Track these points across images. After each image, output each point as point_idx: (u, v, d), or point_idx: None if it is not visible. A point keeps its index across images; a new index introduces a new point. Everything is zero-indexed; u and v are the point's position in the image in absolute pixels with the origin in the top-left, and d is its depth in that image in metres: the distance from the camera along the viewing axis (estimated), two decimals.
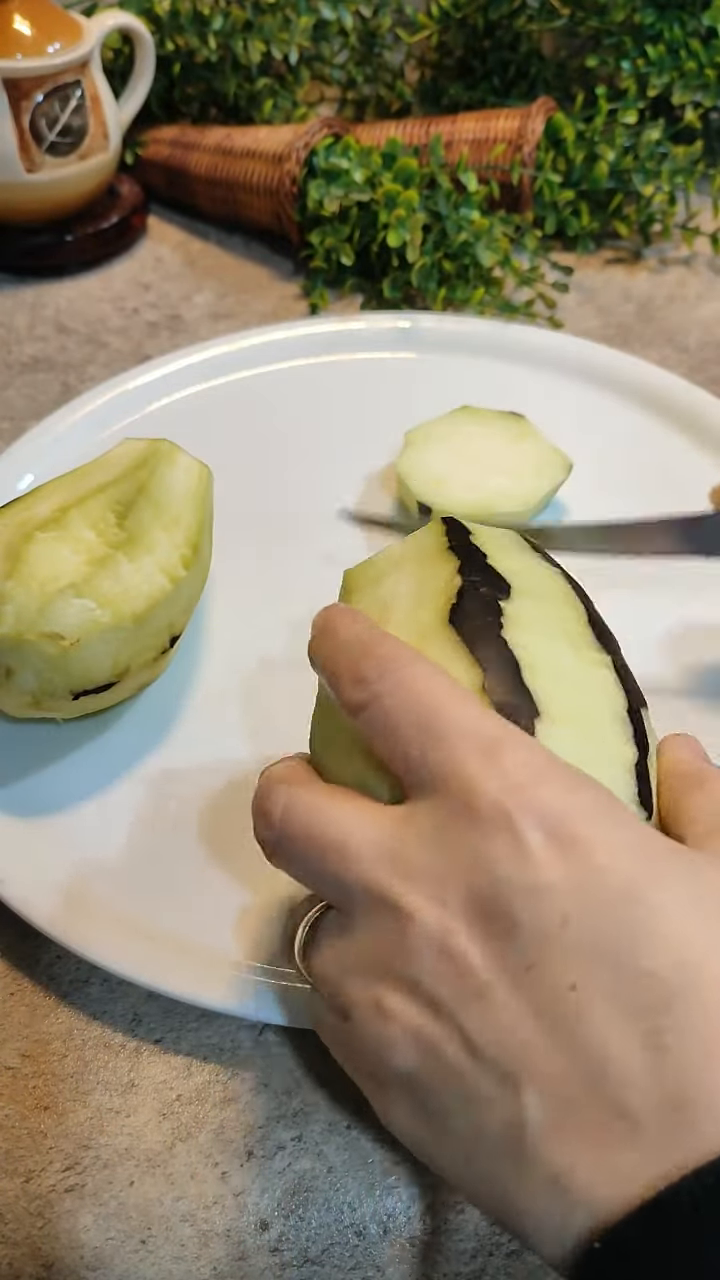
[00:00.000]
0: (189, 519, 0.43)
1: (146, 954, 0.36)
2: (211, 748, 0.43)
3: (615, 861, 0.24)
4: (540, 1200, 0.23)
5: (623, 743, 0.29)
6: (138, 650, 0.40)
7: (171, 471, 0.44)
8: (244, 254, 0.73)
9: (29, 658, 0.38)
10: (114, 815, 0.41)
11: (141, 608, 0.39)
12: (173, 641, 0.42)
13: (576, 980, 0.23)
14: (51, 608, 0.37)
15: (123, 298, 0.69)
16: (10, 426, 0.59)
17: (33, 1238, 0.33)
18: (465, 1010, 0.24)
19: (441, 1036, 0.24)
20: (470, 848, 0.25)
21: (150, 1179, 0.33)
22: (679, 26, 0.73)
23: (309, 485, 0.54)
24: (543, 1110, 0.23)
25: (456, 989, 0.24)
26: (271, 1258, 0.32)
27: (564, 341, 0.61)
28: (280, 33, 0.74)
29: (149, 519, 0.42)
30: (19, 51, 0.64)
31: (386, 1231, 0.33)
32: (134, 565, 0.40)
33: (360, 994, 0.26)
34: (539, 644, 0.30)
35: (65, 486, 0.43)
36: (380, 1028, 0.26)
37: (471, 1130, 0.24)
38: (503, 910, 0.24)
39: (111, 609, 0.38)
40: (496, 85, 0.80)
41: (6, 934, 0.39)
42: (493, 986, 0.24)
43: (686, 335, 0.66)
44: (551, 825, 0.24)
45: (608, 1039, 0.23)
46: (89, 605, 0.38)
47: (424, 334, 0.61)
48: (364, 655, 0.28)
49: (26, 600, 0.37)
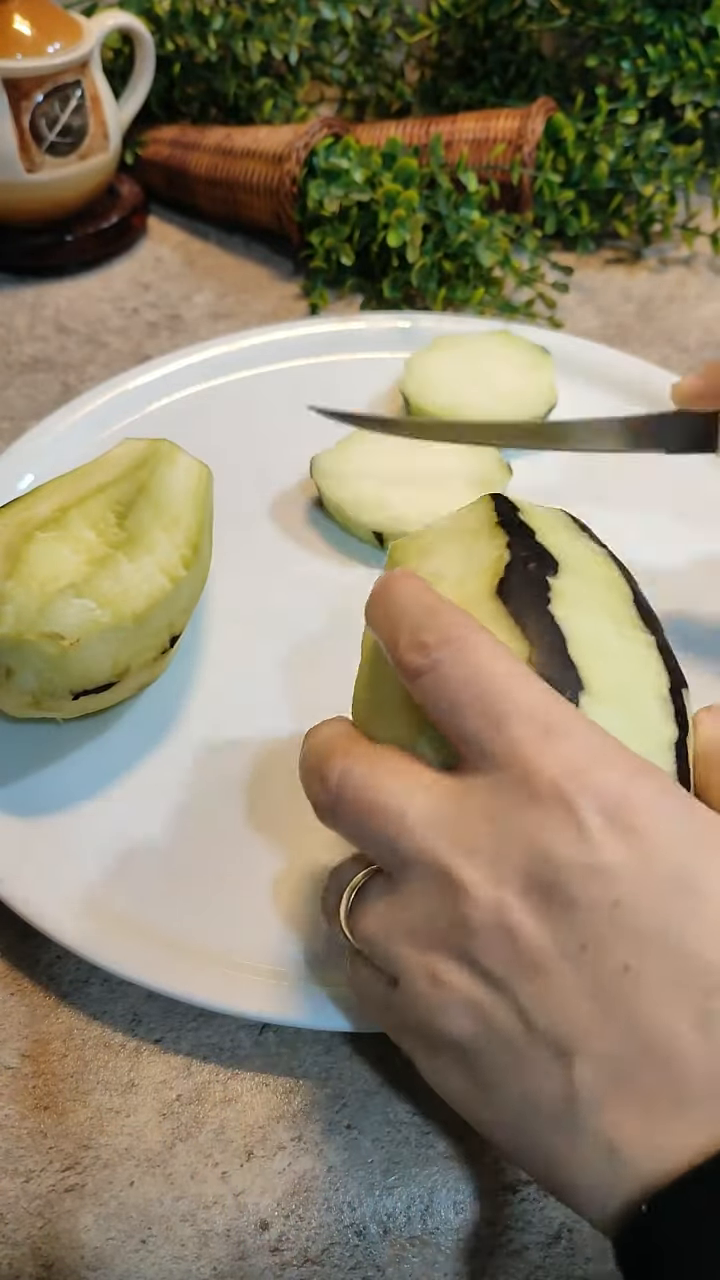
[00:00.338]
0: (189, 519, 0.43)
1: (146, 954, 0.36)
2: (211, 748, 0.43)
3: (671, 849, 0.25)
4: (590, 1167, 0.24)
5: (664, 721, 0.30)
6: (138, 650, 0.40)
7: (171, 471, 0.44)
8: (244, 254, 0.73)
9: (29, 658, 0.38)
10: (114, 815, 0.41)
11: (141, 607, 0.39)
12: (173, 641, 0.42)
13: (630, 961, 0.24)
14: (51, 608, 0.37)
15: (123, 298, 0.69)
16: (10, 426, 0.59)
17: (33, 1237, 0.33)
18: (520, 983, 0.25)
19: (496, 1007, 0.25)
20: (529, 826, 0.25)
21: (150, 1179, 0.34)
22: (679, 26, 0.73)
23: (310, 485, 0.54)
24: (595, 1082, 0.24)
25: (512, 963, 0.25)
26: (271, 1257, 0.32)
27: (564, 341, 0.61)
28: (280, 33, 0.74)
29: (149, 519, 0.42)
30: (19, 51, 0.64)
31: (386, 1231, 0.33)
32: (134, 565, 0.40)
33: (412, 960, 0.27)
34: (585, 620, 0.30)
35: (65, 486, 0.43)
36: (434, 995, 0.26)
37: (522, 1097, 0.25)
38: (560, 889, 0.25)
39: (111, 609, 0.38)
40: (496, 85, 0.80)
41: (7, 934, 0.39)
42: (548, 962, 0.24)
43: (686, 335, 0.66)
44: (611, 809, 0.25)
45: (659, 1019, 0.23)
46: (89, 605, 0.38)
47: (424, 334, 0.61)
48: (425, 620, 0.28)
49: (26, 600, 0.37)
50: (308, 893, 0.39)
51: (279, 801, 0.41)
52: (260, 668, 0.46)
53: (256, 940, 0.37)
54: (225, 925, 0.38)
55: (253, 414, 0.58)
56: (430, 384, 0.56)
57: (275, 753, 0.43)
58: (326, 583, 0.50)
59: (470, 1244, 0.33)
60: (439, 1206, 0.33)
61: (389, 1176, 0.33)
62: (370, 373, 0.60)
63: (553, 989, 0.24)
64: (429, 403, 0.55)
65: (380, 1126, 0.34)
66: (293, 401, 0.57)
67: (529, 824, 0.25)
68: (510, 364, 0.57)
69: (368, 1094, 0.35)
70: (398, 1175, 0.33)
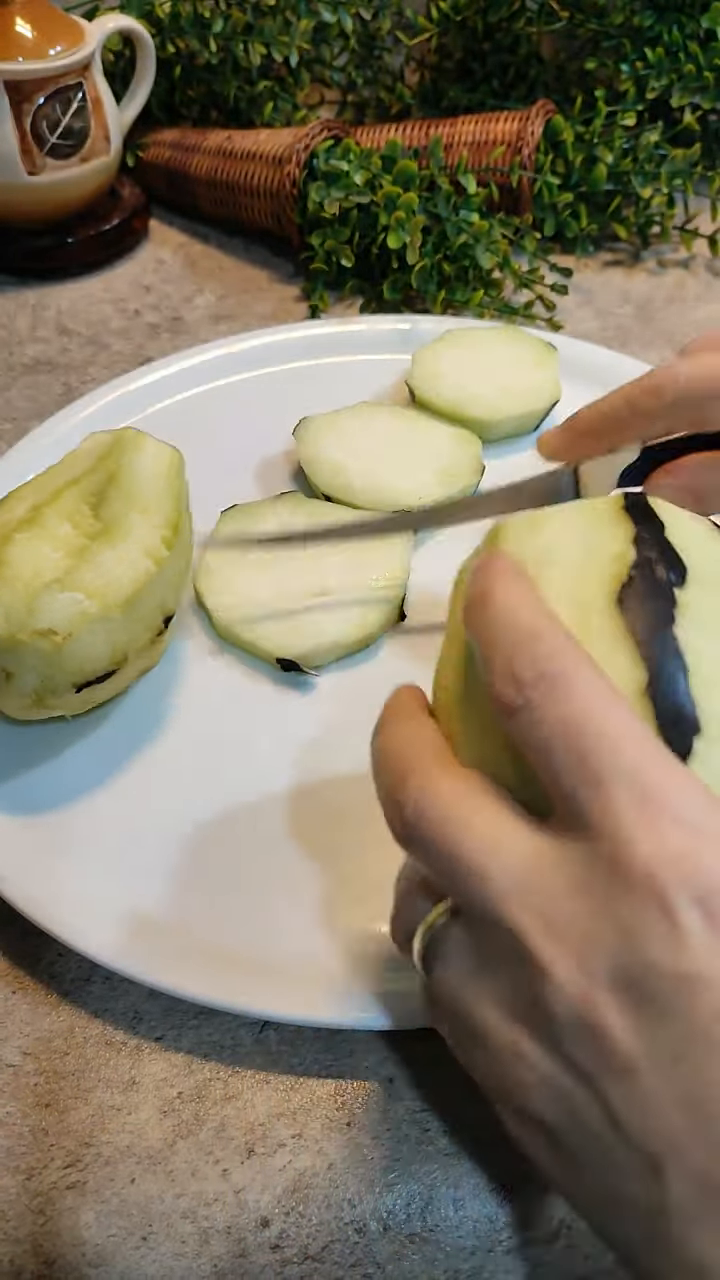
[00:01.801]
0: (165, 501, 0.43)
1: (148, 952, 0.36)
2: (211, 745, 0.43)
3: None
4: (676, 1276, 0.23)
5: None
6: (133, 635, 0.40)
7: (140, 458, 0.43)
8: (244, 256, 0.73)
9: (25, 658, 0.38)
10: (115, 812, 0.41)
11: (129, 593, 0.39)
12: (166, 622, 0.42)
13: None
14: (39, 605, 0.38)
15: (124, 299, 0.69)
16: (12, 428, 0.59)
17: (34, 1235, 0.33)
18: (608, 1083, 0.23)
19: (583, 1100, 0.23)
20: (620, 916, 0.23)
21: (151, 1176, 0.34)
22: (678, 29, 0.73)
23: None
24: (687, 1199, 0.22)
25: (599, 1061, 0.23)
26: (272, 1255, 0.32)
27: (563, 343, 0.61)
28: (280, 35, 0.74)
29: (122, 506, 0.42)
30: (20, 54, 0.64)
31: (387, 1228, 0.33)
32: (115, 553, 0.40)
33: (494, 1027, 0.25)
34: (710, 645, 0.27)
35: (36, 487, 0.43)
36: (517, 1071, 0.24)
37: (609, 1191, 0.24)
38: (651, 994, 0.22)
39: (98, 598, 0.39)
40: (496, 88, 0.81)
41: (8, 932, 0.39)
42: (638, 1068, 0.23)
43: (685, 337, 0.66)
44: (708, 904, 0.22)
45: None
46: (76, 598, 0.38)
47: (424, 336, 0.62)
48: (524, 648, 0.25)
49: (13, 601, 0.38)
50: (309, 889, 0.39)
51: (280, 798, 0.41)
52: (260, 668, 0.46)
53: (257, 937, 0.37)
54: (226, 923, 0.38)
55: (253, 415, 0.58)
56: (436, 377, 0.56)
57: (278, 751, 0.43)
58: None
59: (470, 1241, 0.33)
60: (439, 1204, 0.33)
61: (389, 1174, 0.34)
62: (370, 375, 0.60)
63: (644, 1095, 0.23)
64: (435, 395, 0.55)
65: (380, 1124, 0.34)
66: (294, 403, 0.57)
67: (621, 913, 0.23)
68: (516, 359, 0.58)
69: (368, 1091, 0.35)
70: (398, 1172, 0.34)
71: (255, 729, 0.44)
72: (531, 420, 0.56)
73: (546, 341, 0.59)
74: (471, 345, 0.58)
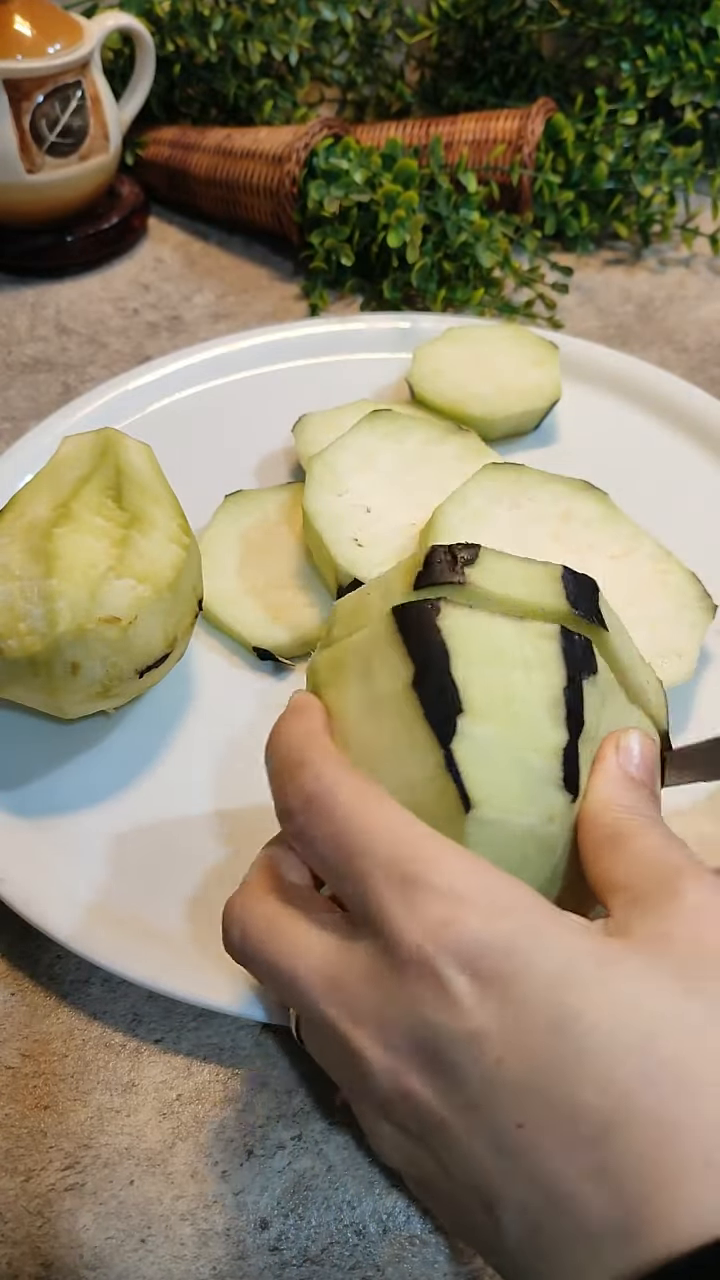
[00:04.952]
0: (166, 493, 0.44)
1: (147, 954, 0.36)
2: (212, 747, 0.43)
3: (536, 994, 0.24)
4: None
5: (550, 728, 0.29)
6: (179, 617, 0.41)
7: (131, 455, 0.44)
8: (244, 255, 0.73)
9: (93, 646, 0.38)
10: (115, 815, 0.41)
11: (171, 577, 0.40)
12: (199, 604, 0.43)
13: (520, 1118, 0.24)
14: (101, 592, 0.38)
15: (123, 298, 0.69)
16: (11, 427, 0.59)
17: (32, 1236, 0.33)
18: (431, 1139, 0.26)
19: (420, 1155, 0.26)
20: (405, 997, 0.25)
21: (150, 1178, 0.34)
22: (678, 27, 0.73)
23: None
24: (518, 1229, 0.24)
25: (418, 1122, 0.26)
26: (271, 1256, 0.32)
27: (564, 342, 0.61)
28: (280, 34, 0.74)
29: (140, 498, 0.42)
30: (19, 52, 0.64)
31: (386, 1230, 0.33)
32: (149, 540, 0.41)
33: (349, 1092, 0.28)
34: (478, 625, 0.30)
35: (43, 490, 0.42)
36: (374, 1135, 0.28)
37: (465, 1226, 0.26)
38: (442, 1055, 0.25)
39: (150, 583, 0.40)
40: (496, 86, 0.81)
41: (7, 933, 0.39)
42: (448, 1123, 0.25)
43: (686, 335, 0.66)
44: (473, 965, 0.25)
45: (558, 1171, 0.24)
46: (132, 583, 0.39)
47: (424, 334, 0.61)
48: (290, 780, 0.29)
49: (75, 592, 0.38)
50: None
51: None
52: (260, 668, 0.46)
53: None
54: None
55: (253, 414, 0.58)
56: (436, 374, 0.56)
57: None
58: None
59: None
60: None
61: (388, 1175, 0.34)
62: (370, 373, 0.60)
63: (459, 1145, 0.25)
64: (435, 393, 0.55)
65: None
66: (293, 402, 0.57)
67: (405, 993, 0.25)
68: (516, 357, 0.57)
69: None
70: (397, 1174, 0.33)
71: (258, 730, 0.44)
72: (532, 419, 0.55)
73: (547, 340, 0.58)
74: (472, 344, 0.58)
